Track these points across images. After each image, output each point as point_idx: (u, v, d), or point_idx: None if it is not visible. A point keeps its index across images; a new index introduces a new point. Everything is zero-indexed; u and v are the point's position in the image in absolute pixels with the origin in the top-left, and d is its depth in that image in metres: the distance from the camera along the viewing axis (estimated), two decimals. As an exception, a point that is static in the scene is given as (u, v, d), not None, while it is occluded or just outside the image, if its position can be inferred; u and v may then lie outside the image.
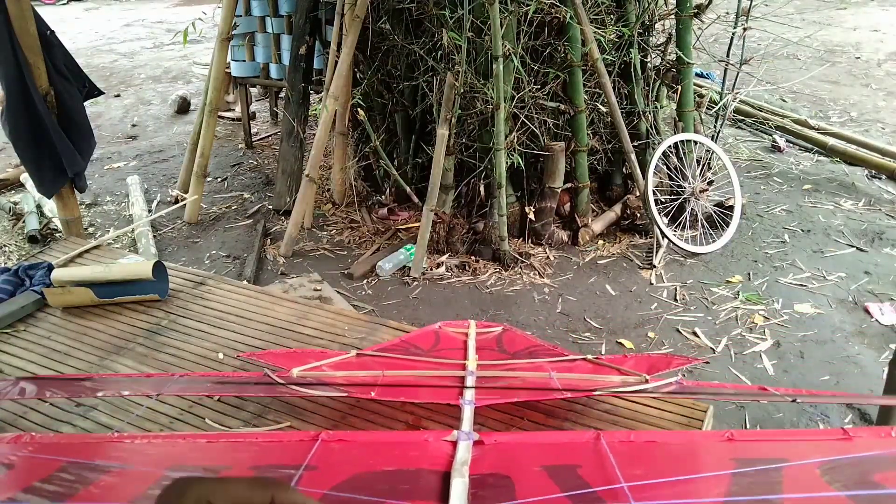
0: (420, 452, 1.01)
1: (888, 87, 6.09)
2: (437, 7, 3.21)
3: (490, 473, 0.95)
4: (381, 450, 1.06)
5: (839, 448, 0.94)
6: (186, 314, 1.97)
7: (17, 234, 3.70)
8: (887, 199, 4.03)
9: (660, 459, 1.02)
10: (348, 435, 1.09)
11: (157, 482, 0.95)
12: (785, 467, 0.89)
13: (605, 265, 3.38)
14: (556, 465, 0.98)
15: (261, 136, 5.18)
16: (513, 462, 0.99)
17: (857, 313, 2.97)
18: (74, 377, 1.67)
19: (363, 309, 3.05)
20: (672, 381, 1.34)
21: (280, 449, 1.06)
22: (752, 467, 0.91)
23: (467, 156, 3.43)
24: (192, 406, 1.55)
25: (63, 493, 0.92)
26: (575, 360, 1.58)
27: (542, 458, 1.01)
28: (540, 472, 0.95)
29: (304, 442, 1.04)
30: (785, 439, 1.08)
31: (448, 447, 1.01)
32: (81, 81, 2.73)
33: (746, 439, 1.03)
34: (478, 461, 0.97)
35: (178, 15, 10.05)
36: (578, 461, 0.98)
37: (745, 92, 4.31)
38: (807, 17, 8.33)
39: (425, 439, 1.05)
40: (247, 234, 3.77)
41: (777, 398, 1.23)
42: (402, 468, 0.98)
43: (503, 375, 1.50)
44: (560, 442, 1.09)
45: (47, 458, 1.00)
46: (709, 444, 1.06)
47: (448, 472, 0.94)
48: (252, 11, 4.28)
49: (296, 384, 1.37)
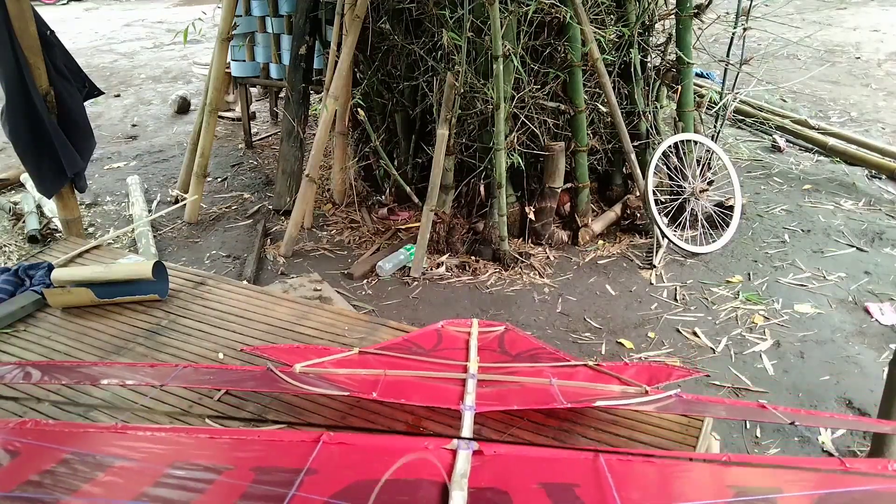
0: (420, 461, 1.01)
1: (888, 87, 6.09)
2: (437, 7, 3.21)
3: (489, 488, 0.95)
4: (382, 456, 1.06)
5: (835, 481, 0.94)
6: (186, 314, 1.97)
7: (17, 234, 3.70)
8: (887, 199, 4.03)
9: (657, 482, 1.02)
10: (349, 437, 1.09)
11: (159, 479, 0.95)
12: (779, 498, 0.89)
13: (605, 265, 3.38)
14: (554, 483, 0.99)
15: (261, 136, 5.18)
16: (511, 477, 1.00)
17: (857, 313, 2.97)
18: (78, 363, 1.68)
19: (363, 309, 3.05)
20: (671, 394, 1.34)
21: (281, 449, 1.07)
22: (748, 496, 0.91)
23: (467, 156, 3.43)
24: (193, 406, 1.55)
25: (65, 487, 0.92)
26: (576, 366, 1.58)
27: (540, 474, 1.01)
28: (538, 490, 0.96)
29: (306, 443, 1.04)
30: (780, 466, 1.08)
31: (448, 456, 1.02)
32: (81, 81, 2.73)
33: (743, 463, 1.04)
34: (477, 473, 0.97)
35: (178, 15, 10.06)
36: (576, 480, 0.98)
37: (745, 92, 4.31)
38: (807, 17, 8.33)
39: (425, 446, 1.05)
40: (247, 234, 3.77)
41: (776, 419, 1.23)
42: (401, 478, 0.98)
43: (504, 379, 1.50)
44: (559, 458, 1.09)
45: (51, 447, 1.00)
46: (706, 467, 1.06)
47: (447, 484, 0.94)
48: (252, 11, 4.28)
49: (298, 380, 1.38)
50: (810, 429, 2.34)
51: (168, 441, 1.08)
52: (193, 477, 0.99)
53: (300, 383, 1.36)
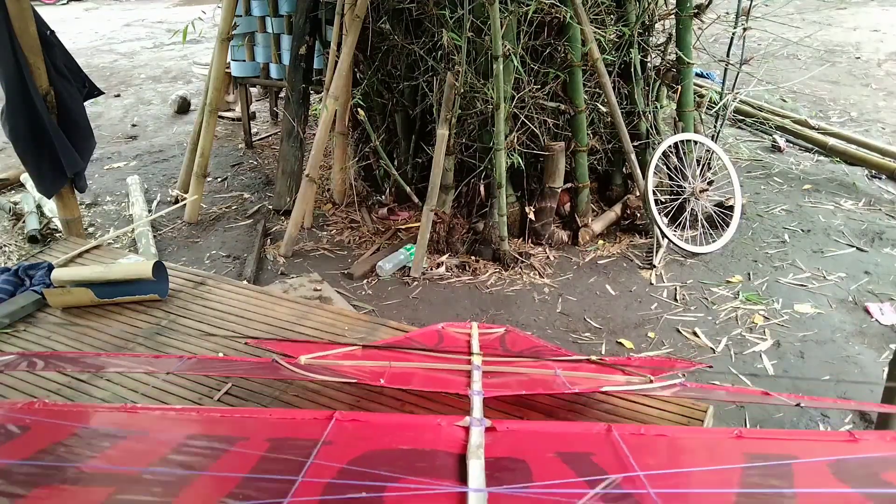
0: (434, 435, 1.02)
1: (888, 87, 6.09)
2: (437, 7, 3.21)
3: (505, 457, 0.96)
4: (395, 430, 1.07)
5: (847, 449, 0.95)
6: (186, 314, 1.97)
7: (17, 234, 3.70)
8: (887, 199, 4.03)
9: (671, 452, 1.03)
10: (361, 415, 1.10)
11: (176, 448, 0.95)
12: (794, 463, 0.90)
13: (605, 265, 3.38)
14: (570, 451, 0.99)
15: (261, 136, 5.18)
16: (527, 448, 1.01)
17: (857, 313, 2.97)
18: (82, 353, 1.68)
19: (363, 309, 3.05)
20: (675, 383, 1.34)
21: (295, 425, 1.07)
22: (763, 462, 0.92)
23: (467, 156, 3.42)
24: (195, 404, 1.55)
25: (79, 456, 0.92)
26: (579, 360, 1.59)
27: (554, 445, 1.02)
28: (554, 458, 0.96)
29: (319, 420, 1.05)
30: (792, 438, 1.09)
31: (461, 432, 1.03)
32: (81, 81, 2.73)
33: (754, 437, 1.04)
34: (491, 446, 0.98)
35: (178, 15, 10.05)
36: (591, 450, 0.98)
37: (745, 92, 4.31)
38: (807, 17, 8.33)
39: (438, 423, 1.06)
40: (247, 234, 3.76)
41: (781, 402, 1.24)
42: (416, 448, 0.99)
43: (509, 371, 1.51)
44: (571, 431, 1.10)
45: (61, 424, 1.00)
46: (718, 439, 1.07)
47: (463, 455, 0.95)
48: (252, 11, 4.28)
49: (304, 370, 1.38)
50: (814, 419, 2.35)
51: (179, 418, 1.08)
52: (207, 446, 0.98)
53: (306, 373, 1.36)
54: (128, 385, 1.60)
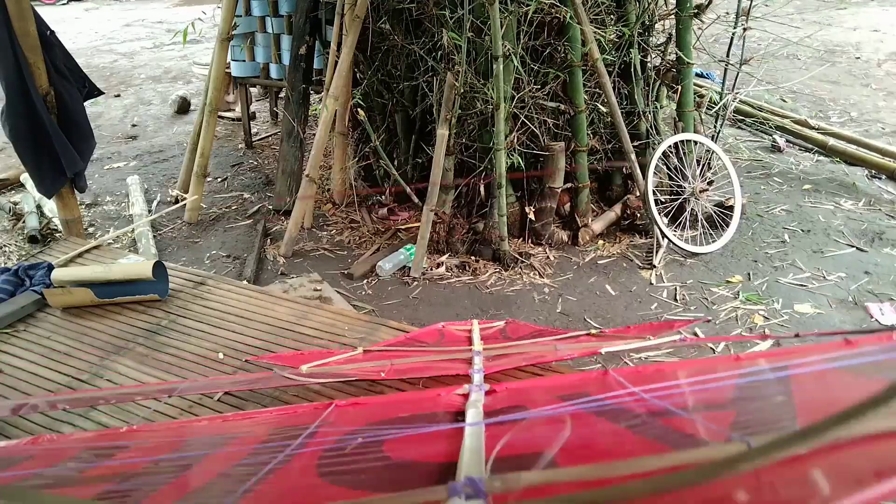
0: (433, 403, 1.06)
1: (888, 87, 6.09)
2: (437, 7, 3.21)
3: (503, 408, 0.99)
4: (395, 405, 1.10)
5: (844, 354, 0.95)
6: (186, 314, 1.97)
7: (17, 234, 3.70)
8: (887, 199, 4.03)
9: (671, 377, 1.05)
10: (361, 399, 1.12)
11: (181, 447, 0.97)
12: (790, 366, 0.92)
13: (605, 265, 3.38)
14: (568, 393, 1.03)
15: (261, 136, 5.18)
16: (526, 399, 1.04)
17: (857, 313, 2.97)
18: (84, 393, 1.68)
19: (363, 309, 3.05)
20: (675, 339, 1.37)
21: (294, 417, 1.09)
22: (761, 368, 0.95)
23: (467, 156, 3.42)
24: (193, 406, 1.55)
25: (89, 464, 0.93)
26: (579, 335, 1.61)
27: (554, 391, 1.05)
28: (553, 399, 0.99)
29: (318, 409, 1.07)
30: (789, 353, 1.11)
31: (461, 399, 1.06)
32: (81, 81, 2.73)
33: (753, 357, 1.08)
34: (491, 404, 1.02)
35: (178, 15, 10.06)
36: (589, 389, 1.01)
37: (745, 92, 4.31)
38: (807, 17, 8.33)
39: (437, 394, 1.08)
40: (247, 234, 3.76)
41: (781, 336, 1.28)
42: (416, 413, 1.01)
43: (510, 353, 1.53)
44: (569, 381, 1.13)
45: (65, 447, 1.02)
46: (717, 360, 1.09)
47: (462, 412, 0.99)
48: (252, 11, 4.28)
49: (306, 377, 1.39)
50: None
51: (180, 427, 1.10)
52: (209, 442, 1.00)
53: (308, 379, 1.37)
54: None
